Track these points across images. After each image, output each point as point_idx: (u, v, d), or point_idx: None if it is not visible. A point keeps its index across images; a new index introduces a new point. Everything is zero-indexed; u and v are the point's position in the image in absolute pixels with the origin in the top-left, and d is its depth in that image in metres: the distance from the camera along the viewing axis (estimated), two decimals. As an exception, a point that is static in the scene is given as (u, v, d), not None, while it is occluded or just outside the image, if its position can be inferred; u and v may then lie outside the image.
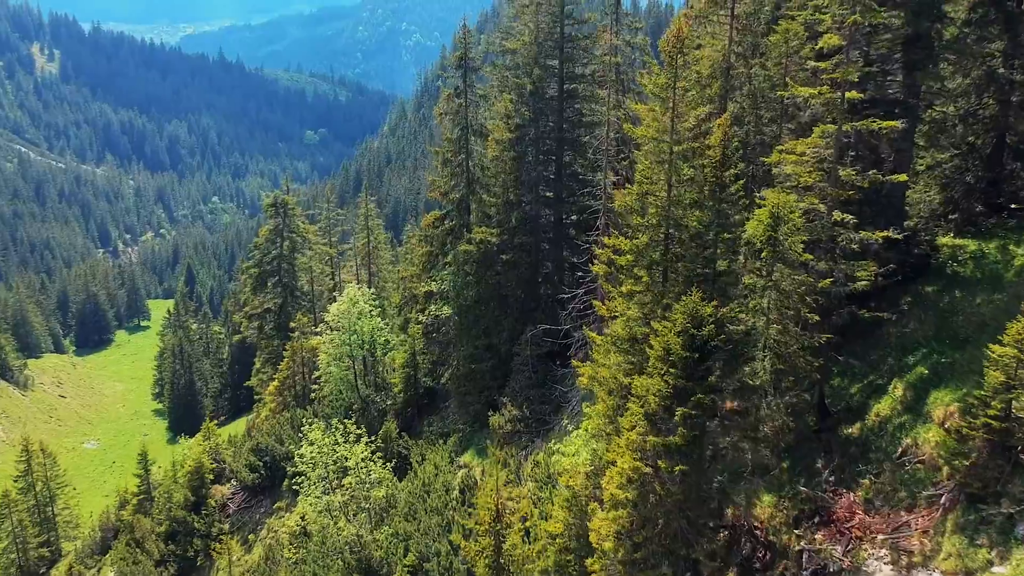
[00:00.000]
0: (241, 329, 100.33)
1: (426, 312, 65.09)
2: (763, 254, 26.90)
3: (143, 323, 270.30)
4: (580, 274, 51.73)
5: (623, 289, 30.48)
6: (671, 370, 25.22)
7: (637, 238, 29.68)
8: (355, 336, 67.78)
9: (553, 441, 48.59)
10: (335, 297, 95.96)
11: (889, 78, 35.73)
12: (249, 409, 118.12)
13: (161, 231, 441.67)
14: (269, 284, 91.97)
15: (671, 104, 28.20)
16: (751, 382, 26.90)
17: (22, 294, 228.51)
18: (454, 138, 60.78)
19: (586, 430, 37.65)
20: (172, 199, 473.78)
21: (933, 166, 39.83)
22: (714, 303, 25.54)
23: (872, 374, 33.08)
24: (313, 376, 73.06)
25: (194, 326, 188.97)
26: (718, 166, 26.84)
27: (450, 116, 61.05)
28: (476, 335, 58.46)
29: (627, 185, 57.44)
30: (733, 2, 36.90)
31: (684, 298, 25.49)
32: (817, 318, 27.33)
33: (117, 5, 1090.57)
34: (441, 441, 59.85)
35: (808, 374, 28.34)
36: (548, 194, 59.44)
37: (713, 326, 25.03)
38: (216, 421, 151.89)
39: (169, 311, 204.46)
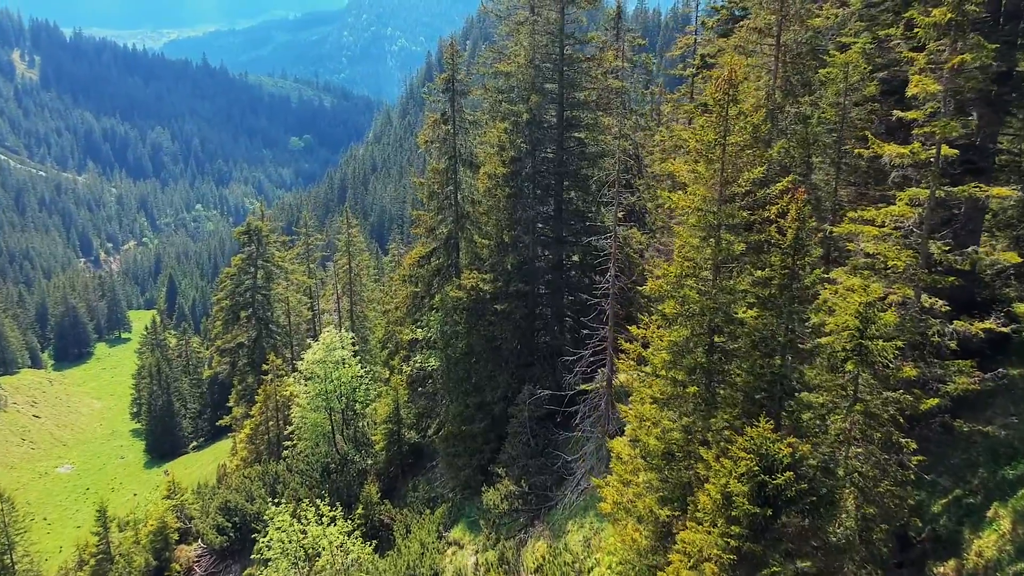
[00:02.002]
0: (212, 364, 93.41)
1: (411, 362, 58.58)
2: (848, 366, 20.56)
3: (124, 335, 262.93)
4: (586, 331, 45.16)
5: (653, 391, 24.17)
6: (733, 528, 18.95)
7: (674, 330, 23.36)
8: (332, 384, 61.38)
9: (558, 525, 42.37)
10: (313, 331, 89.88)
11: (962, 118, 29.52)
12: (228, 433, 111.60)
13: (144, 239, 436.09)
14: (242, 317, 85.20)
15: (720, 165, 21.96)
16: (834, 537, 20.48)
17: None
18: (441, 168, 53.94)
19: (609, 568, 31.07)
20: (155, 207, 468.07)
21: (998, 212, 33.68)
22: (790, 439, 19.20)
23: (958, 487, 26.67)
24: (286, 432, 66.47)
25: (173, 341, 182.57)
26: (791, 252, 20.48)
27: (437, 144, 54.13)
28: (467, 391, 51.89)
29: (633, 221, 51.43)
30: (779, 29, 30.52)
31: (748, 430, 19.21)
32: (914, 445, 21.05)
33: (99, 11, 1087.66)
34: (428, 511, 53.40)
35: (902, 516, 21.93)
36: (547, 233, 53.00)
37: (791, 473, 18.74)
38: (195, 443, 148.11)
39: (147, 328, 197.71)
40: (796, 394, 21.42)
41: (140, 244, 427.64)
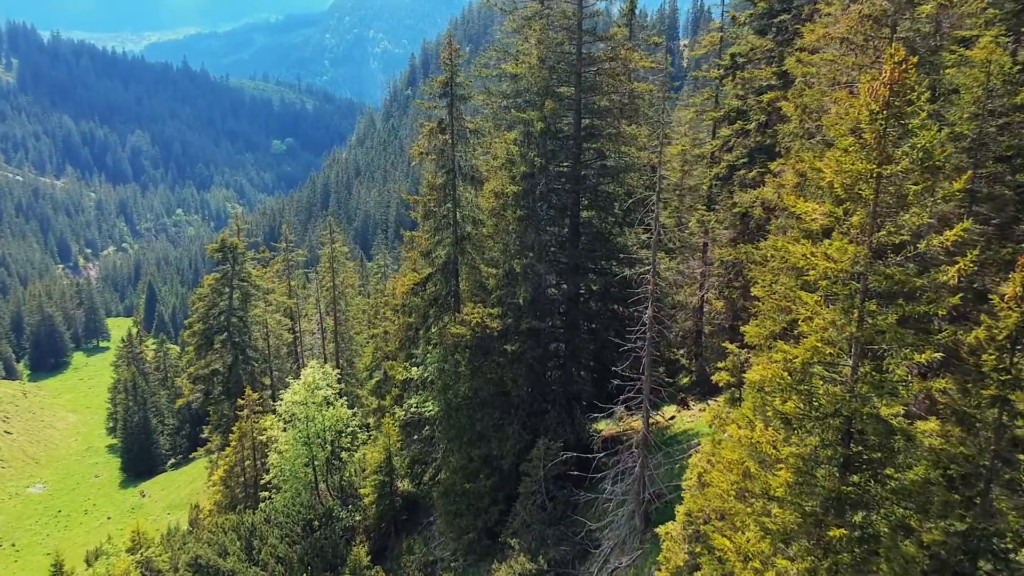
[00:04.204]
0: (184, 393, 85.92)
1: (404, 405, 51.41)
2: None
3: (102, 344, 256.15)
4: (617, 381, 37.95)
5: (765, 520, 17.24)
6: None
7: (798, 439, 16.42)
8: (315, 426, 54.40)
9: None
10: (295, 354, 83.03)
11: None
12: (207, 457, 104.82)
13: (123, 245, 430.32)
14: (216, 342, 77.84)
15: (872, 209, 15.07)
16: None
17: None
18: (438, 184, 46.36)
19: None
20: (135, 212, 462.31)
21: None
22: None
23: None
24: (263, 479, 59.36)
25: (151, 355, 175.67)
26: (1007, 348, 13.62)
27: (433, 156, 46.32)
28: (470, 441, 44.66)
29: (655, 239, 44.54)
30: (896, 18, 23.55)
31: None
32: None
33: (78, 14, 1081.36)
34: (426, 581, 46.56)
35: None
36: (561, 259, 45.78)
37: None
38: (173, 461, 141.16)
39: (123, 339, 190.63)
40: (1008, 553, 14.52)
41: (119, 250, 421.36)
